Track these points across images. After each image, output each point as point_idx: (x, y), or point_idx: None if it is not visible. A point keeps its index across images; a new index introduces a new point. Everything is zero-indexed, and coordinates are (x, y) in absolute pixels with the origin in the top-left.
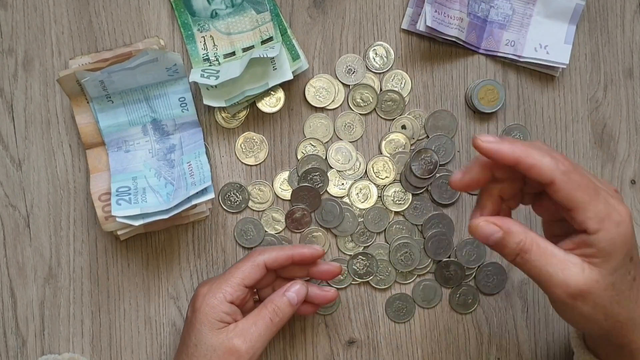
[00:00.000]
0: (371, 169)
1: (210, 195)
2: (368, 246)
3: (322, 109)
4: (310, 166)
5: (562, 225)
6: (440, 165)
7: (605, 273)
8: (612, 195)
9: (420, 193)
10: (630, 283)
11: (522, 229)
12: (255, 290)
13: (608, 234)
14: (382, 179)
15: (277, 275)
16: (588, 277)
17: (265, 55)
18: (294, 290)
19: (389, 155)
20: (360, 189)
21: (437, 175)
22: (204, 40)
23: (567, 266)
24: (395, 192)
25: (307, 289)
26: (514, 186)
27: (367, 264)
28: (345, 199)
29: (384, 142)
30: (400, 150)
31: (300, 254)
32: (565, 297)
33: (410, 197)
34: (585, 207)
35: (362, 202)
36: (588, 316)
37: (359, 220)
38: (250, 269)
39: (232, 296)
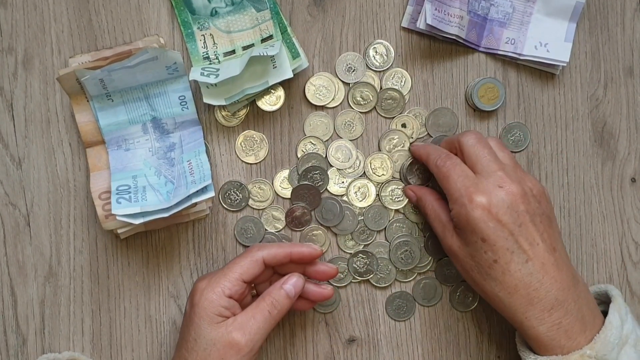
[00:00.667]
0: (369, 165)
1: (211, 194)
2: (368, 244)
3: (322, 107)
4: (310, 164)
5: None
6: None
7: (463, 243)
8: (480, 188)
9: None
10: (489, 262)
11: (430, 198)
12: (253, 285)
13: (456, 213)
14: (378, 175)
15: (275, 271)
16: (453, 241)
17: (265, 54)
18: (292, 283)
19: (387, 153)
20: (359, 188)
21: None
22: (204, 39)
23: (445, 228)
24: (392, 190)
25: (304, 281)
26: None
27: (367, 262)
28: (345, 198)
29: (384, 141)
30: (399, 148)
31: (299, 252)
32: (445, 249)
33: None
34: (446, 192)
35: (361, 201)
36: (463, 273)
37: (359, 218)
38: (249, 265)
39: (231, 291)
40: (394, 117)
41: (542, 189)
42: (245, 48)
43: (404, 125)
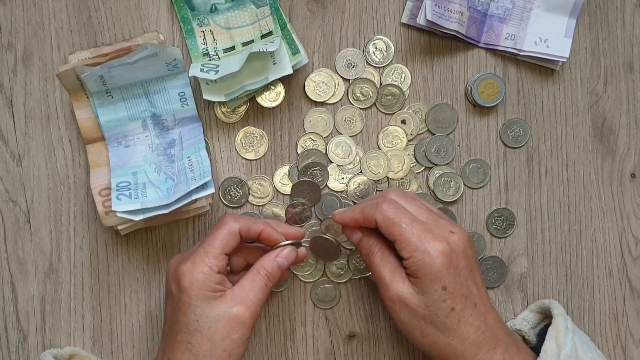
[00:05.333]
0: (365, 162)
1: (211, 190)
2: None
3: (322, 104)
4: (310, 161)
5: None
6: (444, 164)
7: (419, 291)
8: (435, 233)
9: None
10: (446, 311)
11: (375, 239)
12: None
13: (415, 262)
14: (374, 173)
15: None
16: (405, 289)
17: (264, 50)
18: (284, 256)
19: (383, 152)
20: (359, 184)
21: (439, 173)
22: (204, 35)
23: (395, 274)
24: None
25: (296, 253)
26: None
27: None
28: (345, 194)
29: (380, 135)
30: (397, 147)
31: (268, 235)
32: (388, 299)
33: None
34: (399, 239)
35: (360, 197)
36: (407, 324)
37: None
38: (228, 237)
39: (218, 267)
40: (393, 113)
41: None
42: (245, 44)
43: (403, 122)
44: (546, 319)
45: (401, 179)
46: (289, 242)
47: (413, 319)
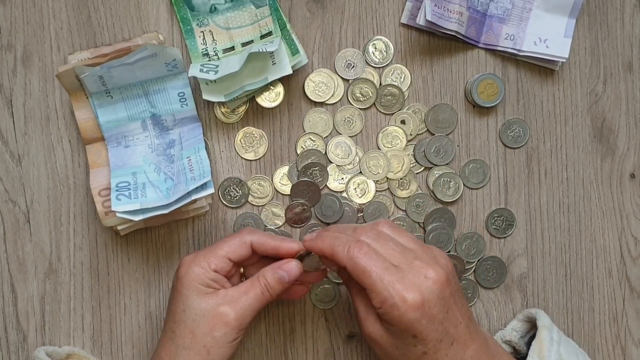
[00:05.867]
0: (364, 163)
1: (210, 190)
2: None
3: (322, 104)
4: (309, 161)
5: None
6: (443, 164)
7: (390, 335)
8: (407, 283)
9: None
10: (418, 355)
11: (354, 282)
12: (241, 268)
13: (385, 314)
14: (374, 174)
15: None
16: (376, 329)
17: (264, 50)
18: (287, 270)
19: (383, 152)
20: (358, 184)
21: (438, 173)
22: (203, 35)
23: (369, 313)
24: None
25: (300, 269)
26: None
27: None
28: (345, 194)
29: (380, 135)
30: (397, 147)
31: (288, 248)
32: (363, 333)
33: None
34: (369, 289)
35: (360, 197)
36: (382, 358)
37: (359, 215)
38: (237, 245)
39: (217, 266)
40: (393, 114)
41: (449, 258)
42: (244, 44)
43: (403, 122)
44: (534, 327)
45: (401, 179)
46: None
47: (386, 354)
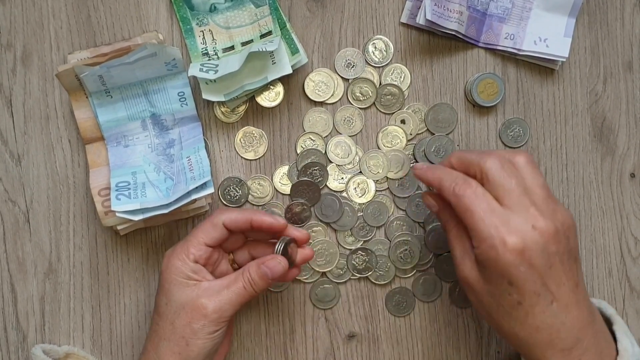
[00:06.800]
0: (364, 162)
1: (210, 190)
2: (368, 240)
3: (322, 103)
4: (309, 160)
5: None
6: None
7: (484, 279)
8: (512, 226)
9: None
10: (512, 304)
11: (450, 213)
12: (230, 253)
13: (481, 254)
14: (374, 173)
15: (247, 237)
16: (472, 273)
17: (264, 49)
18: (270, 266)
19: (383, 152)
20: (358, 184)
21: None
22: (203, 35)
23: (465, 256)
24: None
25: (284, 266)
26: None
27: (367, 259)
28: (344, 194)
29: (380, 135)
30: (397, 147)
31: (259, 220)
32: (458, 277)
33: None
34: (470, 227)
35: (360, 197)
36: (475, 304)
37: (359, 214)
38: (210, 228)
39: (195, 255)
40: (393, 113)
41: (572, 222)
42: (244, 44)
43: (402, 122)
44: None
45: (401, 178)
46: (287, 239)
47: (479, 301)
